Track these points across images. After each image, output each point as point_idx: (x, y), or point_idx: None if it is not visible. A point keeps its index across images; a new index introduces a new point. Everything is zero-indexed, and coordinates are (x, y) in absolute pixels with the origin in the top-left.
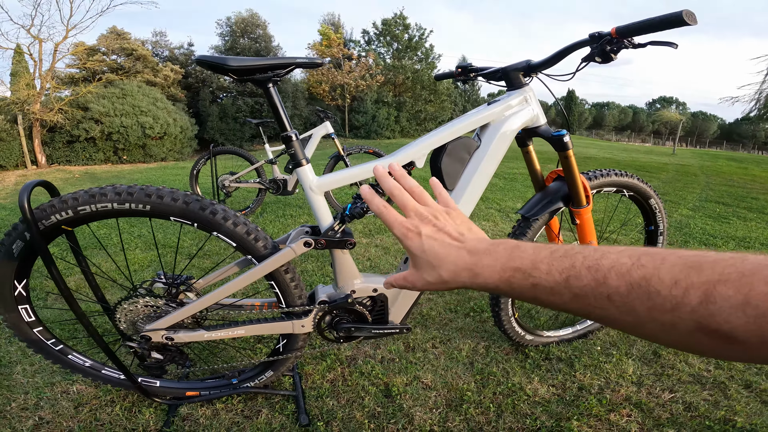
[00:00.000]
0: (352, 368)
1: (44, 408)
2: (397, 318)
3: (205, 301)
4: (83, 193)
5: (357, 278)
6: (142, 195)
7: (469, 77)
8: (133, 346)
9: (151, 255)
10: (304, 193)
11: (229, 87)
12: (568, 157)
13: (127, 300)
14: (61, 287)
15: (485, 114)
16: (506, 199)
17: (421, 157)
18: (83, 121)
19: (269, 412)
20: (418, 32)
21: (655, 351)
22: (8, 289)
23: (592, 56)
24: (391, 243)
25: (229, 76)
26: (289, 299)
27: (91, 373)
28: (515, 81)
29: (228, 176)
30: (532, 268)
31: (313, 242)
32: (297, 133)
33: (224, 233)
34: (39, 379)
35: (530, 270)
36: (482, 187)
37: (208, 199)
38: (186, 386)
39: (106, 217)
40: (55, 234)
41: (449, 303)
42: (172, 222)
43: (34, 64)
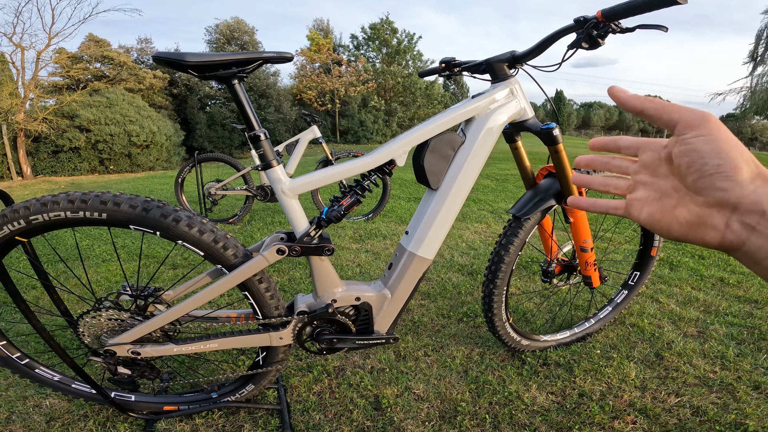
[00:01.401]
0: (340, 379)
1: (15, 422)
2: (383, 327)
3: (172, 314)
4: (35, 201)
5: (338, 286)
6: (97, 202)
7: (453, 72)
8: (97, 360)
9: (133, 266)
10: (277, 197)
11: (216, 95)
12: (559, 152)
13: (89, 313)
14: (17, 300)
15: (469, 108)
16: (498, 200)
17: (402, 154)
18: (68, 131)
19: (252, 427)
20: (407, 37)
21: (657, 353)
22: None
23: (579, 42)
24: (381, 248)
25: (189, 73)
26: (265, 310)
27: (60, 388)
28: (500, 73)
29: (214, 184)
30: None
31: (286, 249)
32: (266, 132)
33: (189, 241)
34: (12, 393)
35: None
36: (469, 185)
37: (171, 206)
38: (163, 401)
39: (62, 227)
40: (10, 245)
41: (441, 308)
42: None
43: (17, 72)
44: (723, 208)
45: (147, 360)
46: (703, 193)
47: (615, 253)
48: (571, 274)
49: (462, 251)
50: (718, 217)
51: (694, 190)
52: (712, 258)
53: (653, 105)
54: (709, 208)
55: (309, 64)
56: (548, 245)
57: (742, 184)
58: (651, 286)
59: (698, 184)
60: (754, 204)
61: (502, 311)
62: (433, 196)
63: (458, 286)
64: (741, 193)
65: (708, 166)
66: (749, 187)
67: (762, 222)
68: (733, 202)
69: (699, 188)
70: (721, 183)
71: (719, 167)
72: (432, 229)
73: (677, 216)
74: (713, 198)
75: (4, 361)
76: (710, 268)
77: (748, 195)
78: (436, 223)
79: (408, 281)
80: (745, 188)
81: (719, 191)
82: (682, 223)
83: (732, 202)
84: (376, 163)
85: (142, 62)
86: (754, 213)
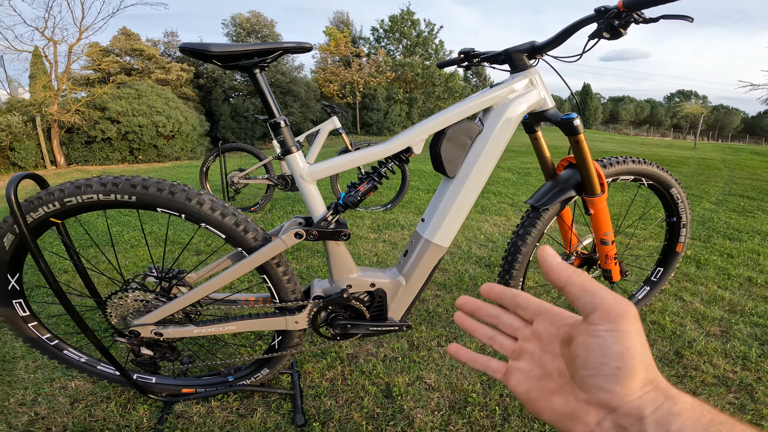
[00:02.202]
0: (353, 367)
1: (41, 404)
2: (397, 315)
3: (193, 295)
4: (69, 184)
5: (353, 272)
6: (127, 186)
7: (472, 63)
8: (123, 341)
9: (158, 252)
10: (296, 182)
11: (239, 86)
12: (580, 142)
13: (117, 294)
14: (50, 280)
15: (488, 97)
16: (519, 193)
17: (418, 142)
18: (100, 122)
19: (265, 410)
20: (428, 28)
21: (677, 351)
22: (1, 283)
23: (600, 33)
24: (399, 238)
25: (213, 63)
26: (282, 294)
27: (86, 369)
28: (519, 63)
29: (237, 173)
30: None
31: (304, 233)
32: (286, 119)
33: (212, 224)
34: (40, 375)
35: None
36: (486, 174)
37: (196, 189)
38: (182, 383)
39: (94, 209)
40: (45, 227)
41: (457, 299)
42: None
43: (50, 65)
44: (602, 408)
45: (168, 341)
46: (589, 391)
47: (637, 248)
48: (590, 268)
49: (480, 243)
50: (593, 415)
51: (581, 386)
52: (741, 257)
53: (579, 281)
54: (588, 405)
55: (329, 58)
56: (567, 237)
57: (631, 390)
58: (675, 283)
59: (588, 381)
60: (636, 409)
61: None
62: (449, 184)
63: (475, 278)
64: (626, 399)
65: (606, 367)
66: (637, 392)
67: (636, 425)
68: (615, 405)
69: (587, 386)
70: (612, 386)
71: (617, 370)
72: (448, 217)
73: (552, 403)
74: (596, 398)
75: (35, 342)
76: (738, 267)
77: (633, 400)
78: (452, 211)
79: (423, 268)
80: (633, 394)
81: (606, 393)
82: (554, 412)
83: (614, 404)
84: (393, 150)
85: (168, 55)
86: (632, 416)
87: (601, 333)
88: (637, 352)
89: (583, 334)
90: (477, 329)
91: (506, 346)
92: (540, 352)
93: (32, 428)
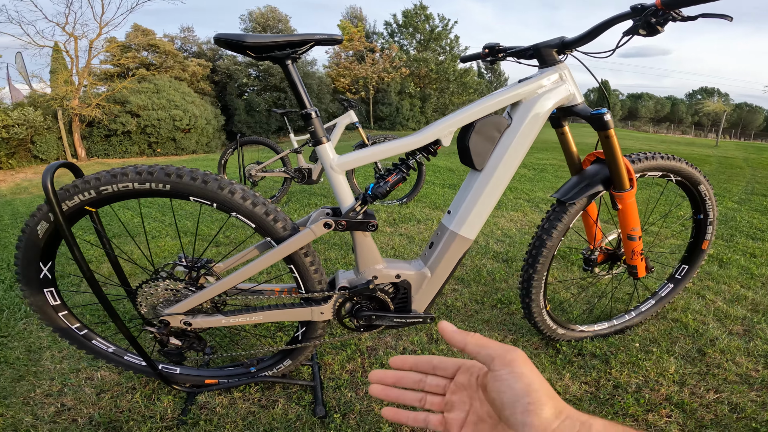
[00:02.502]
0: (373, 359)
1: (67, 394)
2: (421, 307)
3: (223, 285)
4: (105, 173)
5: (379, 263)
6: (162, 174)
7: (497, 57)
8: (152, 330)
9: (178, 243)
10: (325, 172)
11: (253, 82)
12: (610, 137)
13: (148, 283)
14: (84, 269)
15: (517, 91)
16: (536, 189)
17: (447, 135)
18: (120, 116)
19: (286, 402)
20: (442, 23)
21: (699, 349)
22: (33, 271)
23: (636, 29)
24: (415, 232)
25: (247, 54)
26: (308, 284)
27: (113, 359)
28: (548, 58)
29: (254, 166)
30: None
31: (333, 223)
32: (317, 110)
33: (243, 214)
34: (66, 365)
35: None
36: (513, 168)
37: (228, 179)
38: (205, 374)
39: (128, 197)
40: (79, 215)
41: (475, 294)
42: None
43: (71, 60)
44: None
45: (196, 331)
46: (515, 427)
47: (659, 246)
48: (614, 264)
49: (497, 238)
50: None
51: (508, 423)
52: (764, 257)
53: (474, 340)
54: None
55: (343, 52)
56: (592, 233)
57: (547, 420)
58: (698, 282)
59: (511, 419)
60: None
61: (540, 297)
62: (476, 176)
63: (493, 273)
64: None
65: (519, 404)
66: (554, 422)
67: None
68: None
69: (512, 423)
70: (530, 419)
71: (529, 405)
72: (475, 209)
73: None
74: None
75: (64, 332)
76: (761, 267)
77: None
78: (479, 204)
79: (448, 260)
80: (551, 425)
81: (529, 427)
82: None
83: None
84: (422, 142)
85: (185, 50)
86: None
87: (504, 376)
88: (539, 386)
89: (491, 381)
90: (403, 395)
91: (436, 402)
92: (468, 400)
93: (58, 419)
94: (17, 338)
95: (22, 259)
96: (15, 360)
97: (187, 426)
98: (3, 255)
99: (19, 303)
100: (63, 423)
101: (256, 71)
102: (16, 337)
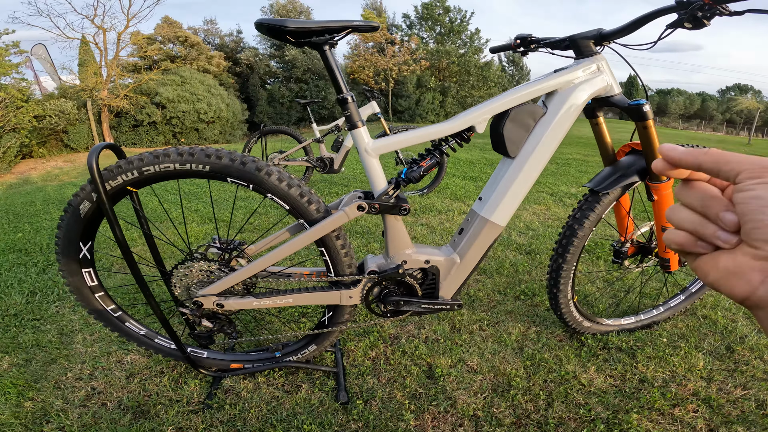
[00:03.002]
0: (395, 347)
1: (98, 378)
2: (448, 293)
3: (255, 267)
4: (148, 154)
5: (409, 248)
6: (202, 155)
7: (530, 48)
8: (185, 312)
9: (206, 228)
10: (359, 156)
11: (276, 72)
12: (648, 128)
13: (184, 264)
14: (124, 249)
15: (553, 81)
16: (559, 183)
17: (482, 122)
18: (146, 107)
19: (309, 387)
20: (459, 15)
21: (728, 346)
22: (73, 251)
23: (680, 23)
24: (436, 222)
25: (286, 39)
26: (338, 267)
27: (144, 342)
28: (585, 49)
29: (277, 154)
30: None
31: (366, 206)
32: (353, 95)
33: (278, 195)
34: (97, 349)
35: None
36: (546, 157)
37: (264, 161)
38: (231, 358)
39: (169, 178)
40: (121, 195)
41: (498, 285)
42: (229, 184)
43: (100, 53)
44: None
45: (227, 313)
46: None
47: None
48: (645, 257)
49: (520, 231)
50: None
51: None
52: None
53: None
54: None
55: (363, 44)
56: (623, 224)
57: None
58: None
59: (753, 234)
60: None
61: (568, 288)
62: (509, 164)
63: (516, 264)
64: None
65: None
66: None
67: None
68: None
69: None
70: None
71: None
72: (507, 196)
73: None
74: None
75: (99, 314)
76: None
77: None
78: (510, 191)
79: (478, 247)
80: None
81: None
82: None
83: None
84: (456, 128)
85: (208, 42)
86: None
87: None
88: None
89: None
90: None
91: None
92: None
93: (88, 403)
94: (50, 321)
95: (63, 238)
96: (47, 343)
97: (213, 410)
98: (36, 239)
99: (52, 286)
100: (93, 407)
101: (279, 63)
102: (49, 320)
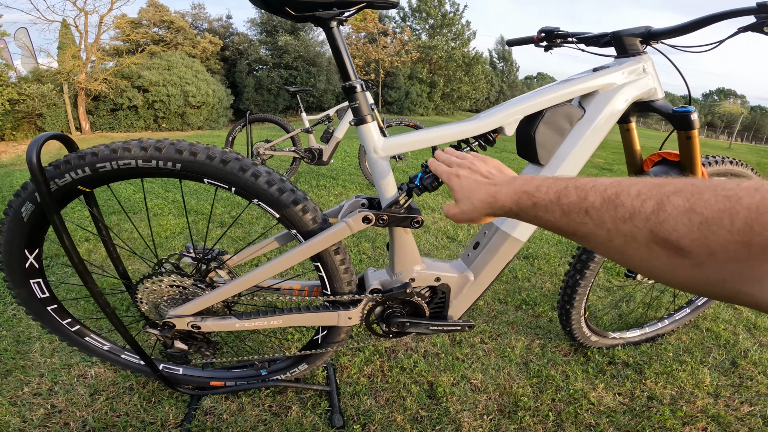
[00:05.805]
0: (392, 362)
1: (58, 394)
2: (458, 313)
3: (239, 285)
4: (104, 147)
5: (418, 264)
6: (172, 151)
7: (555, 44)
8: (155, 333)
9: (182, 222)
10: (366, 156)
11: (264, 59)
12: (692, 138)
13: (151, 278)
14: (74, 259)
15: (595, 81)
16: None
17: (512, 123)
18: (127, 90)
19: (300, 409)
20: (452, 8)
21: (732, 360)
22: (18, 259)
23: (759, 27)
24: (430, 221)
25: (285, 13)
26: (336, 285)
27: (109, 358)
28: (630, 48)
29: (263, 144)
30: (535, 190)
31: (373, 218)
32: (363, 83)
33: (266, 201)
34: (57, 360)
35: (533, 192)
36: (580, 165)
37: (250, 159)
38: (210, 375)
39: (130, 177)
40: (71, 195)
41: (498, 293)
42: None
43: (80, 36)
44: None
45: (205, 334)
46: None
47: None
48: None
49: None
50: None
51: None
52: None
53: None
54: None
55: (355, 33)
56: None
57: None
58: None
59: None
60: None
61: (582, 305)
62: (536, 171)
63: (514, 270)
64: None
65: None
66: None
67: None
68: None
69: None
70: None
71: None
72: None
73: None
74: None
75: (54, 328)
76: None
77: None
78: None
79: (496, 263)
80: None
81: None
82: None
83: None
84: (481, 129)
85: (195, 27)
86: None
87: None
88: None
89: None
90: None
91: None
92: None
93: (48, 423)
94: (5, 326)
95: (4, 245)
96: (2, 352)
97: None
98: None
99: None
100: (54, 427)
101: (269, 48)
102: (5, 325)
